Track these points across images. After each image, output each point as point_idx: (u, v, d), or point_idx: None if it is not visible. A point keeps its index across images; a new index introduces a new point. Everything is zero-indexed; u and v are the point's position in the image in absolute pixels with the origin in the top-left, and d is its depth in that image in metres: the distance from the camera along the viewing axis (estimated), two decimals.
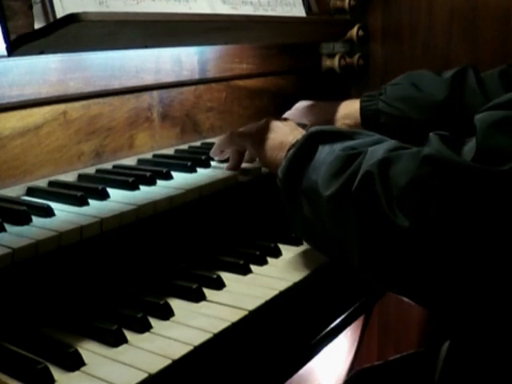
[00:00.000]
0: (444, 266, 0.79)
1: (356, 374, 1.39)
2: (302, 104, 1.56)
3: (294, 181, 1.00)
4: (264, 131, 1.17)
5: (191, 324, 0.87)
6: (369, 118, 1.48)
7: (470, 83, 1.42)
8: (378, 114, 1.48)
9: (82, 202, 1.01)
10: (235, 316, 0.89)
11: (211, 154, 1.29)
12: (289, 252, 1.12)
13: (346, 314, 1.04)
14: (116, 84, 1.28)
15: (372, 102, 1.49)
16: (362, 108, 1.49)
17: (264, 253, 1.09)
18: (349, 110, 1.51)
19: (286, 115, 1.51)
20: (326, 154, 0.96)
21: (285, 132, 1.14)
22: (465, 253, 0.77)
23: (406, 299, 0.91)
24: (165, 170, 1.16)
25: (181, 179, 1.16)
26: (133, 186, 1.08)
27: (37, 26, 0.95)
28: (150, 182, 1.11)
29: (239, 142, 1.22)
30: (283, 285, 0.99)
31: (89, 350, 0.81)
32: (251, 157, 1.26)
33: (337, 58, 1.85)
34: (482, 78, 1.42)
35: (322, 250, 1.00)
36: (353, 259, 0.88)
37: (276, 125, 1.17)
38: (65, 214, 0.97)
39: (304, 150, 1.01)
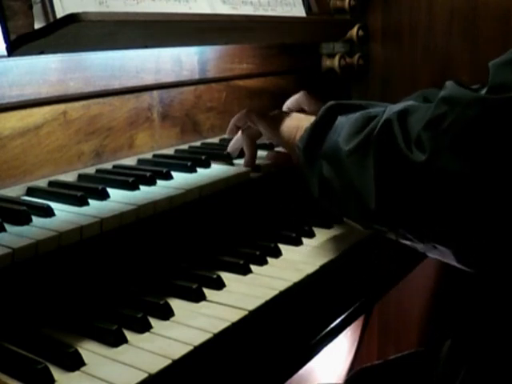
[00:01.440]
0: (459, 197, 0.81)
1: (356, 374, 1.40)
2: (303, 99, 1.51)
3: (313, 147, 1.05)
4: (279, 116, 1.23)
5: (191, 324, 0.87)
6: None
7: None
8: None
9: (82, 202, 1.01)
10: (235, 316, 0.89)
11: (228, 132, 1.35)
12: (289, 252, 1.12)
13: (346, 314, 1.04)
14: (116, 84, 1.28)
15: None
16: None
17: (264, 253, 1.09)
18: None
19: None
20: (346, 119, 1.02)
21: (299, 117, 1.21)
22: (480, 181, 0.79)
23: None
24: (165, 170, 1.16)
25: (181, 179, 1.16)
26: (133, 186, 1.08)
27: (37, 26, 0.95)
28: (150, 182, 1.11)
29: (254, 121, 1.26)
30: (283, 285, 0.99)
31: (89, 350, 0.81)
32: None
33: (337, 58, 1.85)
34: None
35: (339, 205, 1.03)
36: (370, 204, 0.91)
37: (289, 113, 1.24)
38: (65, 213, 0.97)
39: (323, 121, 1.06)
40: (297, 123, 1.17)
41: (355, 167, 0.94)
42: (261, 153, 1.33)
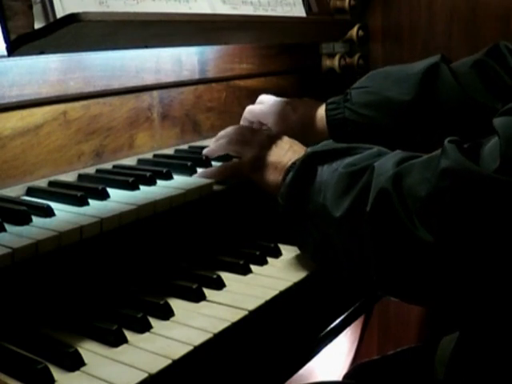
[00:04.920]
0: (469, 277, 0.78)
1: (355, 369, 1.40)
2: (269, 103, 1.43)
3: (297, 206, 0.99)
4: (258, 153, 1.16)
5: (191, 324, 0.87)
6: (336, 128, 1.35)
7: (445, 78, 1.32)
8: (345, 122, 1.35)
9: (82, 202, 1.01)
10: (235, 316, 0.89)
11: (206, 152, 1.26)
12: (289, 252, 1.12)
13: (346, 313, 1.04)
14: (116, 84, 1.28)
15: (338, 110, 1.36)
16: (327, 117, 1.36)
17: (264, 253, 1.09)
18: (308, 116, 1.39)
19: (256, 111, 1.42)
20: (327, 174, 0.95)
21: (279, 153, 1.13)
22: (491, 264, 0.76)
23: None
24: (165, 170, 1.16)
25: (181, 179, 1.16)
26: (133, 186, 1.08)
27: (37, 26, 0.95)
28: (150, 182, 1.11)
29: (237, 150, 1.21)
30: (283, 285, 0.99)
31: (89, 350, 0.81)
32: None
33: (337, 58, 1.85)
34: (455, 71, 1.34)
35: (337, 271, 0.98)
36: (370, 275, 0.88)
37: (270, 144, 1.16)
38: (65, 213, 0.97)
39: (302, 174, 1.00)
40: (276, 162, 1.11)
41: (350, 237, 0.89)
42: None
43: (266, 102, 1.44)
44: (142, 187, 1.09)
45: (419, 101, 1.32)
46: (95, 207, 1.00)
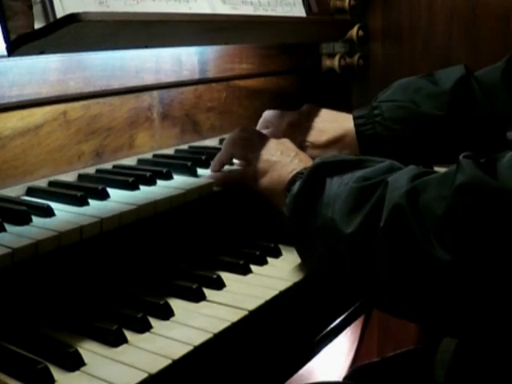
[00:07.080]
0: (488, 298, 0.77)
1: (354, 371, 1.40)
2: (279, 122, 1.39)
3: (303, 219, 0.97)
4: (263, 159, 1.13)
5: (191, 324, 0.87)
6: (368, 143, 1.32)
7: (475, 94, 1.32)
8: (376, 138, 1.32)
9: (82, 202, 1.01)
10: (235, 316, 0.89)
11: (213, 166, 1.22)
12: (289, 252, 1.12)
13: (346, 313, 1.04)
14: (116, 84, 1.28)
15: (368, 126, 1.33)
16: (358, 133, 1.33)
17: (264, 253, 1.09)
18: (338, 132, 1.35)
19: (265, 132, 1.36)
20: (337, 187, 0.93)
21: (285, 161, 1.10)
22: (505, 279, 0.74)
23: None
24: (165, 170, 1.16)
25: (181, 179, 1.16)
26: (133, 186, 1.08)
27: (37, 26, 0.95)
28: (150, 181, 1.12)
29: (241, 155, 1.19)
30: (283, 285, 0.99)
31: (89, 350, 0.81)
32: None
33: (337, 58, 1.86)
34: (482, 82, 1.33)
35: (344, 284, 0.97)
36: (381, 295, 0.87)
37: (275, 150, 1.14)
38: (65, 213, 0.97)
39: (310, 186, 0.97)
40: (279, 173, 1.08)
41: (361, 254, 0.86)
42: None
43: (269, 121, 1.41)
44: (142, 187, 1.09)
45: (453, 116, 1.31)
46: (95, 207, 1.00)
